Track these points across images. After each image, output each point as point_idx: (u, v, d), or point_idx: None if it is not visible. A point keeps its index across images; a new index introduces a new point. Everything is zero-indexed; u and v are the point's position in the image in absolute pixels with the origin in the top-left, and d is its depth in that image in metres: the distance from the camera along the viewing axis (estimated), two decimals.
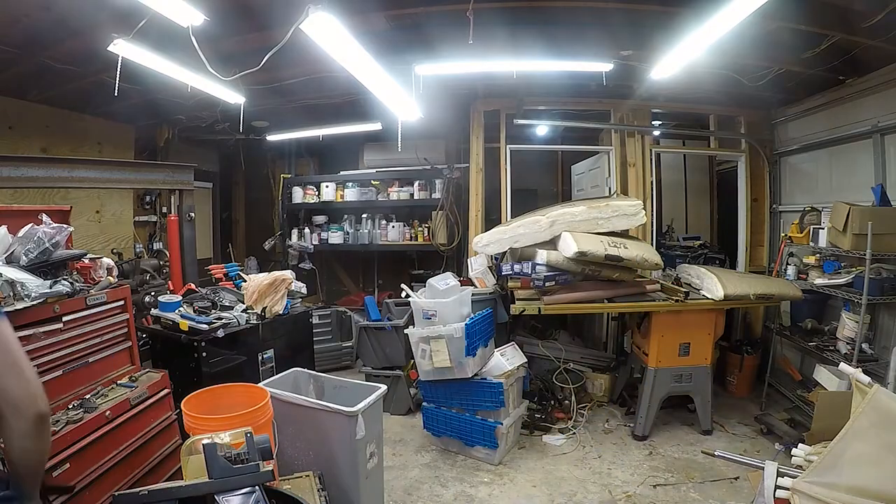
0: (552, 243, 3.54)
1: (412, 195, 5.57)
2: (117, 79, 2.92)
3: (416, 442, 3.58)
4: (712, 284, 3.41)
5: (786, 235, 4.03)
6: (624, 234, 3.75)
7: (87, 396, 2.12)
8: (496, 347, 3.46)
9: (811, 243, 3.67)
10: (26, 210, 2.40)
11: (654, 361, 3.46)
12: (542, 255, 3.43)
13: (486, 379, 3.25)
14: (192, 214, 4.28)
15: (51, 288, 1.99)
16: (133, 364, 2.47)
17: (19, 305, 1.85)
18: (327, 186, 5.80)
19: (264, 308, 3.34)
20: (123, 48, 2.74)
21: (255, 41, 3.08)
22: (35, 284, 1.95)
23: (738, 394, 4.28)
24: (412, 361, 3.66)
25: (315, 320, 4.47)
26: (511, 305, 3.53)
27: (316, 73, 3.69)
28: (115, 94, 3.03)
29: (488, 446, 3.23)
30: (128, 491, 1.61)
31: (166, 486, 1.66)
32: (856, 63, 3.38)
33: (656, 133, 5.01)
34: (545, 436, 3.60)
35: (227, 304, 3.32)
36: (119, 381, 2.31)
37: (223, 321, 3.01)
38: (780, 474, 1.75)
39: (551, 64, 3.43)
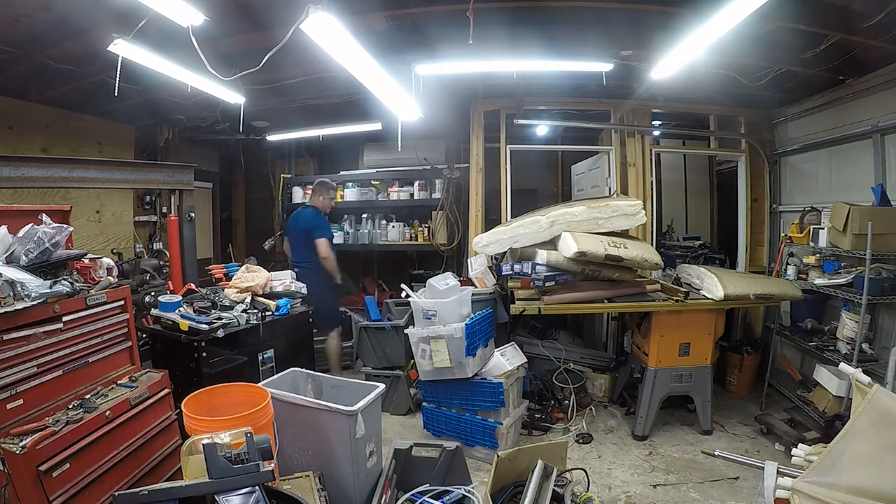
0: (552, 243, 3.54)
1: (412, 195, 5.57)
2: (117, 79, 2.92)
3: None
4: (712, 284, 3.41)
5: (786, 235, 4.03)
6: (624, 234, 3.75)
7: (87, 396, 2.12)
8: (496, 347, 3.46)
9: (811, 243, 3.67)
10: (26, 210, 2.40)
11: (654, 361, 3.46)
12: (542, 255, 3.43)
13: (486, 379, 3.25)
14: (192, 214, 4.28)
15: (51, 288, 1.99)
16: (133, 364, 2.47)
17: (19, 305, 1.86)
18: None
19: (254, 295, 3.39)
20: (123, 48, 2.74)
21: (255, 41, 3.08)
22: (35, 284, 1.95)
23: (738, 394, 4.28)
24: (412, 361, 3.66)
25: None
26: (511, 305, 3.53)
27: (316, 73, 3.69)
28: (115, 94, 3.03)
29: (488, 446, 3.22)
30: (128, 491, 1.61)
31: (166, 486, 1.67)
32: (856, 63, 3.38)
33: (656, 133, 5.01)
34: (545, 436, 3.60)
35: (227, 304, 3.32)
36: (119, 381, 2.32)
37: (223, 321, 3.01)
38: (780, 474, 1.75)
39: (551, 64, 3.43)
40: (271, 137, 5.81)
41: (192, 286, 3.58)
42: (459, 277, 4.09)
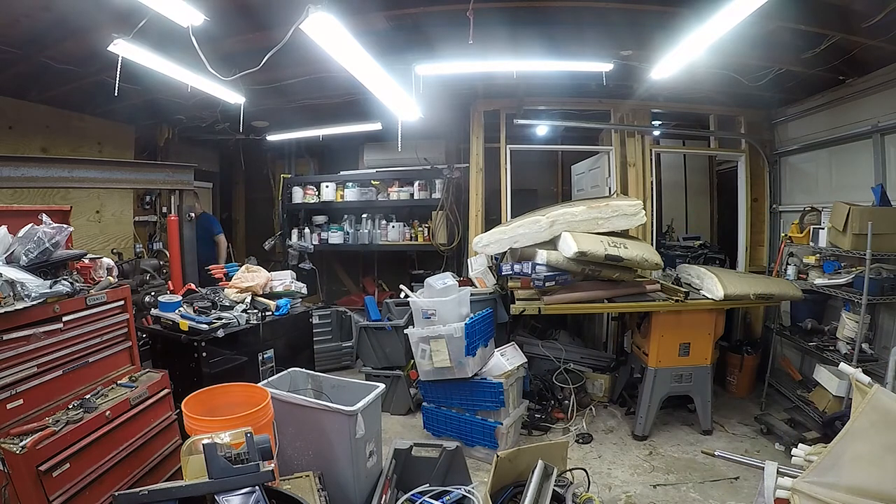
0: (552, 243, 3.54)
1: (412, 195, 5.56)
2: (117, 79, 2.91)
3: None
4: (712, 284, 3.41)
5: (786, 235, 4.03)
6: (624, 234, 3.75)
7: (87, 396, 2.12)
8: (496, 347, 3.46)
9: (811, 243, 3.66)
10: (26, 210, 2.40)
11: (654, 361, 3.46)
12: (542, 255, 3.43)
13: (486, 379, 3.25)
14: (193, 214, 4.28)
15: (51, 288, 1.99)
16: (133, 364, 2.47)
17: (19, 305, 1.86)
18: (327, 186, 5.80)
19: (254, 295, 3.39)
20: (123, 48, 2.74)
21: (255, 41, 3.08)
22: (35, 284, 1.95)
23: (738, 394, 4.28)
24: (412, 361, 3.66)
25: (315, 320, 4.47)
26: (511, 305, 3.53)
27: (316, 73, 3.69)
28: (115, 94, 3.03)
29: (488, 446, 3.22)
30: (128, 491, 1.61)
31: (166, 486, 1.66)
32: (856, 63, 3.38)
33: (656, 133, 5.01)
34: (545, 436, 3.60)
35: (227, 304, 3.32)
36: (119, 381, 2.32)
37: (223, 321, 3.01)
38: (780, 474, 1.75)
39: (551, 64, 3.43)
40: (271, 137, 5.81)
41: (192, 286, 3.58)
42: (459, 277, 4.09)
